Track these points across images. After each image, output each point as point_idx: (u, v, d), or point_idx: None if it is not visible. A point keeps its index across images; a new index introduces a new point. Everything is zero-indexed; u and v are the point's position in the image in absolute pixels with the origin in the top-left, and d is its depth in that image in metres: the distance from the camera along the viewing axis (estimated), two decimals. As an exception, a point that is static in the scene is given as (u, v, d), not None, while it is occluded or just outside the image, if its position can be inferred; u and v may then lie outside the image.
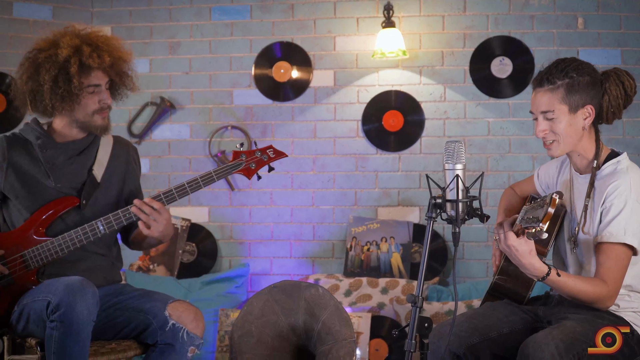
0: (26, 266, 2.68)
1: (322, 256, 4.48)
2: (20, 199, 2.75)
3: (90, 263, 2.81)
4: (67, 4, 4.56)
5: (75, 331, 2.41)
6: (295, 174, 4.50)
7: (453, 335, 2.53)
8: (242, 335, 2.72)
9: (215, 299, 4.19)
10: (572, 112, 2.52)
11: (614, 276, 2.43)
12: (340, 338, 2.66)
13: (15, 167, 2.78)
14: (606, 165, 2.57)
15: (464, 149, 2.36)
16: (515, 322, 2.61)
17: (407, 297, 2.24)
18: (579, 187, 2.63)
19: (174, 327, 2.65)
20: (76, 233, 2.69)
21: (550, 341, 2.31)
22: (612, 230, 2.45)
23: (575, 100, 2.51)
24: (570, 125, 2.53)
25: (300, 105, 4.51)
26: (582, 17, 4.29)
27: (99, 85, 2.80)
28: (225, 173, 2.79)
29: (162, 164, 4.60)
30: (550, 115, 2.53)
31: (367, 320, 3.93)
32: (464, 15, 4.38)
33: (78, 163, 2.84)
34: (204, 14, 4.59)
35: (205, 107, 4.58)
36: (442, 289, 4.13)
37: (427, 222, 2.33)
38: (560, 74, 2.51)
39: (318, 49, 4.49)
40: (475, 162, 4.35)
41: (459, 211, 2.31)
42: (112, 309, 2.76)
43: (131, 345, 2.70)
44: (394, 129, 4.42)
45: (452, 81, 4.39)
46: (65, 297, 2.42)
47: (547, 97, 2.53)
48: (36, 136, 2.81)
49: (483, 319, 2.61)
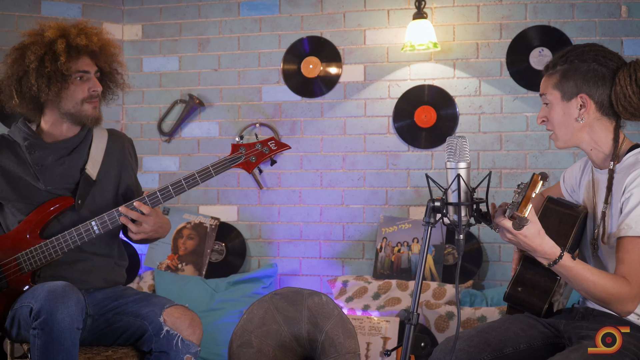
0: (21, 269, 2.64)
1: (351, 257, 4.35)
2: (11, 203, 2.71)
3: (88, 264, 2.75)
4: (97, 2, 4.54)
5: (56, 339, 2.34)
6: (324, 172, 4.38)
7: (461, 351, 2.34)
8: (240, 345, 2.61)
9: (241, 299, 4.11)
10: (564, 100, 2.37)
11: (637, 274, 2.18)
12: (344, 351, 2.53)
13: (4, 170, 2.74)
14: (627, 156, 2.36)
15: (468, 145, 2.14)
16: (534, 338, 2.41)
17: (400, 314, 2.10)
18: (600, 185, 2.43)
19: (168, 334, 2.56)
20: (70, 234, 2.64)
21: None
22: (631, 222, 2.21)
23: (569, 87, 2.35)
24: (564, 114, 2.38)
25: (330, 101, 4.38)
26: (626, 5, 4.01)
27: (88, 72, 2.73)
28: (223, 167, 2.67)
29: (192, 161, 4.55)
30: (544, 100, 2.43)
31: (394, 325, 3.78)
32: (500, 5, 4.16)
33: (69, 163, 2.77)
34: (232, 9, 4.50)
35: (234, 105, 4.50)
36: (476, 293, 3.94)
37: (424, 228, 2.15)
38: (562, 59, 2.39)
39: (347, 43, 4.35)
40: (512, 159, 4.14)
41: (460, 215, 2.12)
42: (111, 314, 2.69)
43: (128, 353, 2.63)
44: (426, 124, 4.24)
45: (487, 74, 4.18)
46: (46, 304, 2.36)
47: (544, 81, 2.44)
48: (23, 137, 2.76)
49: (497, 334, 2.41)
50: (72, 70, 2.70)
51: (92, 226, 2.64)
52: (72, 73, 2.70)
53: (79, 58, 2.71)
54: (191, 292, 4.16)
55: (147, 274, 4.33)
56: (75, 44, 2.67)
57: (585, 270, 2.18)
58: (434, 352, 2.40)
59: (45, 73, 2.65)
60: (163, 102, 4.56)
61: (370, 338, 3.74)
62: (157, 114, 4.58)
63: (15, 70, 2.70)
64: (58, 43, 2.66)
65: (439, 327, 3.72)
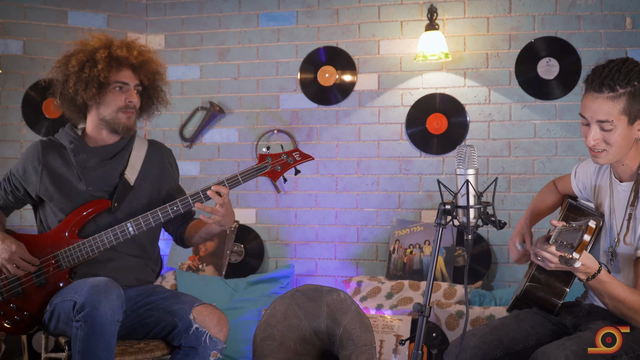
0: (59, 266, 2.82)
1: (365, 258, 4.52)
2: (54, 201, 2.90)
3: (120, 263, 2.93)
4: (122, 13, 4.73)
5: (98, 331, 2.51)
6: (339, 177, 4.56)
7: (476, 348, 2.49)
8: (264, 338, 2.79)
9: (260, 299, 4.28)
10: (630, 124, 2.35)
11: None
12: (361, 344, 2.70)
13: (50, 170, 2.93)
14: None
15: (476, 153, 2.30)
16: (543, 335, 2.54)
17: (413, 306, 2.24)
18: (619, 196, 2.51)
19: (197, 331, 2.73)
20: (106, 234, 2.82)
21: (560, 352, 2.23)
22: None
23: (635, 111, 2.33)
24: (625, 136, 2.37)
25: (345, 109, 4.56)
26: (631, 17, 4.18)
27: (127, 84, 2.94)
28: (250, 176, 2.84)
29: (212, 167, 4.73)
30: (608, 126, 2.35)
31: (407, 323, 3.95)
32: (509, 17, 4.34)
33: (109, 166, 2.96)
34: (251, 20, 4.69)
35: (253, 112, 4.68)
36: (485, 293, 4.11)
37: (436, 228, 2.31)
38: (623, 80, 2.31)
39: (362, 52, 4.53)
40: (521, 165, 4.31)
41: (469, 218, 2.28)
42: (143, 309, 2.87)
43: (159, 346, 2.81)
44: (437, 131, 4.42)
45: (497, 83, 4.35)
46: (89, 298, 2.53)
47: (607, 106, 2.33)
48: (69, 140, 2.97)
49: (509, 331, 2.55)
50: (111, 80, 2.90)
51: (127, 227, 2.82)
52: (111, 82, 2.91)
53: (120, 69, 2.91)
54: (212, 292, 4.33)
55: (169, 274, 4.51)
56: (116, 55, 2.88)
57: (618, 286, 2.28)
58: (449, 348, 2.55)
59: (83, 78, 2.87)
60: (185, 109, 4.75)
61: (383, 336, 3.90)
62: (179, 121, 4.77)
63: (59, 74, 2.95)
64: (100, 52, 2.88)
65: (449, 326, 3.89)
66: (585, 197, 2.72)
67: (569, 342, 2.31)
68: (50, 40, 4.57)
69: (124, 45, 2.93)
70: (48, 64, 4.58)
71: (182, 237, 3.11)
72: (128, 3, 4.75)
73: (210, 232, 2.99)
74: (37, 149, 2.97)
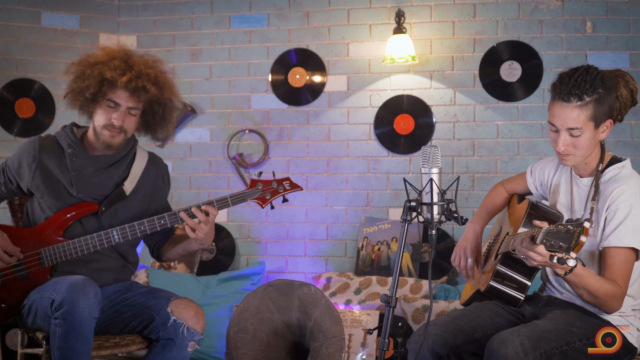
0: (41, 263, 2.88)
1: (335, 255, 4.64)
2: (44, 199, 2.93)
3: (101, 264, 2.99)
4: (94, 14, 4.79)
5: (77, 328, 2.58)
6: (310, 176, 4.67)
7: (437, 336, 2.60)
8: (237, 331, 2.89)
9: (232, 295, 4.37)
10: (596, 128, 2.49)
11: (623, 278, 2.44)
12: (330, 335, 2.81)
13: (44, 169, 2.94)
14: (609, 170, 2.58)
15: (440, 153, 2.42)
16: (501, 323, 2.66)
17: (381, 297, 2.35)
18: (579, 192, 2.64)
19: (175, 323, 2.81)
20: (92, 239, 2.87)
21: (515, 338, 2.35)
22: (620, 234, 2.45)
23: (600, 116, 2.47)
24: (591, 140, 2.51)
25: (315, 110, 4.67)
26: (591, 21, 4.35)
27: (119, 104, 2.89)
28: (240, 200, 2.94)
29: (184, 166, 4.81)
30: (577, 133, 2.48)
31: (375, 317, 4.07)
32: (474, 21, 4.48)
33: (104, 176, 2.98)
34: (224, 22, 4.78)
35: (225, 112, 4.78)
36: (450, 288, 4.25)
37: (402, 224, 2.42)
38: (590, 89, 2.44)
39: (332, 55, 4.65)
40: (484, 164, 4.46)
41: (433, 214, 2.40)
42: (120, 305, 2.94)
43: (135, 340, 2.88)
44: (405, 132, 4.55)
45: (462, 85, 4.50)
46: (68, 296, 2.60)
47: (575, 114, 2.45)
48: (68, 144, 2.96)
49: (469, 320, 2.66)
50: (104, 96, 2.88)
51: (113, 235, 2.87)
52: (105, 98, 2.88)
53: (115, 89, 2.87)
54: (184, 289, 4.40)
55: (141, 272, 4.57)
56: (110, 76, 2.84)
57: (592, 277, 2.41)
58: (412, 336, 2.68)
59: (77, 87, 2.89)
60: (157, 109, 4.82)
61: (352, 330, 4.02)
62: (152, 120, 4.84)
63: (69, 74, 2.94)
64: (98, 67, 2.86)
65: (415, 319, 4.02)
66: (540, 193, 2.86)
67: (524, 329, 2.43)
68: (24, 40, 4.62)
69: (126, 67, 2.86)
70: (22, 64, 4.63)
71: (160, 250, 3.16)
72: (101, 4, 4.81)
73: (188, 249, 3.06)
74: (34, 145, 2.96)
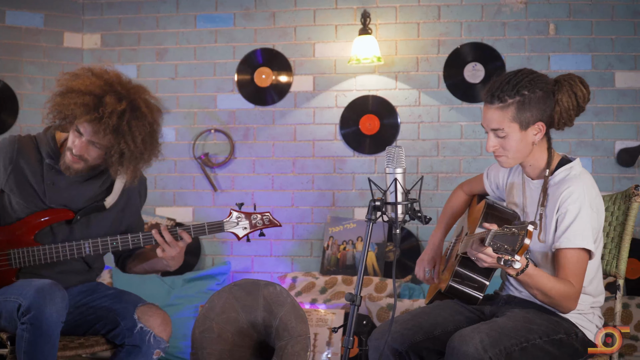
0: (10, 264, 2.83)
1: (300, 254, 4.66)
2: (16, 200, 2.87)
3: (66, 267, 2.94)
4: (59, 12, 4.75)
5: (45, 333, 2.55)
6: (275, 176, 4.68)
7: (397, 333, 2.63)
8: (203, 331, 2.89)
9: (197, 295, 4.37)
10: (523, 130, 2.52)
11: (577, 278, 2.47)
12: (296, 334, 2.83)
13: (18, 173, 2.86)
14: (558, 171, 2.60)
15: (404, 153, 2.45)
16: (461, 321, 2.69)
17: (345, 296, 2.37)
18: (531, 194, 2.67)
19: (141, 331, 2.78)
20: (63, 248, 2.82)
21: (476, 335, 2.37)
22: (570, 236, 2.48)
23: (526, 118, 2.50)
24: (521, 141, 2.54)
25: (281, 110, 4.69)
26: (554, 23, 4.42)
27: (82, 134, 2.76)
28: (218, 229, 2.90)
29: (149, 165, 4.79)
30: (501, 134, 2.52)
31: (340, 316, 4.10)
32: (438, 23, 4.53)
33: (78, 191, 2.91)
34: (189, 21, 4.77)
35: (191, 111, 4.77)
36: (414, 287, 4.29)
37: (366, 224, 2.44)
38: (512, 91, 2.49)
39: (298, 55, 4.66)
40: (448, 164, 4.51)
41: (397, 213, 2.43)
42: (85, 307, 2.91)
43: (99, 341, 2.85)
44: (370, 132, 4.59)
45: (426, 86, 4.55)
46: (35, 301, 2.56)
47: (497, 115, 2.51)
48: (47, 152, 2.87)
49: (429, 318, 2.69)
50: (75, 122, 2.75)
51: (84, 247, 2.83)
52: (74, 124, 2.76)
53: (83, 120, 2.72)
54: (148, 289, 4.38)
55: (105, 273, 4.54)
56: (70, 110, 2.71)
57: (544, 277, 2.43)
58: (373, 334, 2.71)
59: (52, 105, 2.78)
60: (122, 108, 4.79)
61: (317, 329, 4.04)
62: (116, 120, 4.81)
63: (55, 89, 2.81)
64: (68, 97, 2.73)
65: (380, 318, 4.06)
66: (497, 195, 2.90)
67: (484, 326, 2.47)
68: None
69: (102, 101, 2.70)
70: (-14, 63, 4.59)
71: (125, 262, 3.13)
72: (65, 2, 4.78)
73: (154, 267, 3.03)
74: (13, 147, 2.87)
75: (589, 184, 2.57)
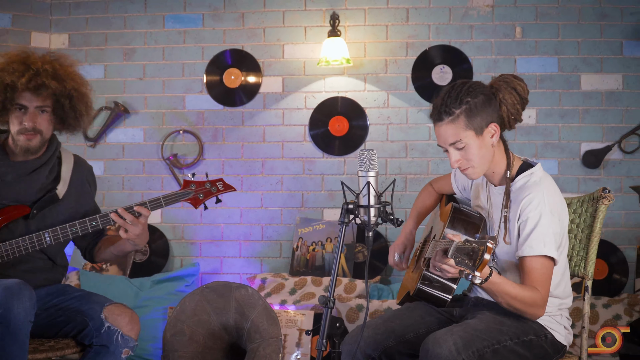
0: None
1: (270, 256, 4.66)
2: None
3: (30, 265, 2.93)
4: (26, 12, 4.70)
5: (13, 332, 2.53)
6: (245, 177, 4.68)
7: (370, 338, 2.66)
8: (174, 334, 2.89)
9: (166, 297, 4.35)
10: (479, 135, 2.55)
11: (542, 284, 2.50)
12: (268, 336, 2.84)
13: None
14: (519, 177, 2.63)
15: (376, 156, 2.46)
16: (431, 323, 2.73)
17: (319, 299, 2.38)
18: (495, 199, 2.70)
19: (109, 330, 2.78)
20: (23, 241, 2.82)
21: (449, 337, 2.41)
22: (532, 243, 2.51)
23: (478, 123, 2.54)
24: (480, 147, 2.57)
25: (250, 111, 4.68)
26: (521, 27, 4.48)
27: (26, 107, 2.84)
28: (173, 200, 2.93)
29: (117, 166, 4.76)
30: (460, 145, 2.55)
31: (310, 317, 4.12)
32: (406, 25, 4.57)
33: (26, 183, 2.92)
34: (157, 22, 4.75)
35: (159, 112, 4.74)
36: (383, 287, 4.32)
37: (339, 227, 2.46)
38: (456, 102, 2.53)
39: (267, 56, 4.67)
40: (416, 166, 4.55)
41: (370, 216, 2.45)
42: (53, 309, 2.89)
43: (69, 344, 2.85)
44: (339, 133, 4.61)
45: (395, 88, 4.58)
46: (2, 300, 2.54)
47: (451, 129, 2.54)
48: None
49: (400, 321, 2.73)
50: (12, 102, 2.82)
51: (44, 237, 2.83)
52: (12, 104, 2.82)
53: (19, 92, 2.81)
54: (116, 291, 4.35)
55: (72, 275, 4.50)
56: (9, 80, 2.78)
57: (508, 284, 2.46)
58: (345, 338, 2.72)
59: None
60: (89, 109, 4.75)
61: (287, 330, 4.05)
62: (83, 120, 4.77)
63: None
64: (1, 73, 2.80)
65: (349, 318, 4.08)
66: (465, 197, 2.94)
67: (456, 328, 2.50)
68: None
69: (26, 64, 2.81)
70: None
71: (92, 252, 3.13)
72: (32, 2, 4.72)
73: (122, 250, 3.03)
74: None
75: (550, 189, 2.60)
